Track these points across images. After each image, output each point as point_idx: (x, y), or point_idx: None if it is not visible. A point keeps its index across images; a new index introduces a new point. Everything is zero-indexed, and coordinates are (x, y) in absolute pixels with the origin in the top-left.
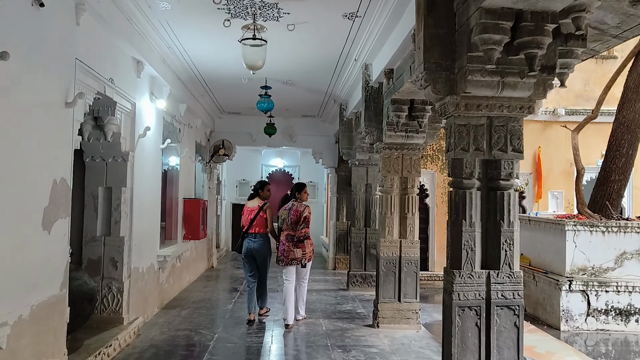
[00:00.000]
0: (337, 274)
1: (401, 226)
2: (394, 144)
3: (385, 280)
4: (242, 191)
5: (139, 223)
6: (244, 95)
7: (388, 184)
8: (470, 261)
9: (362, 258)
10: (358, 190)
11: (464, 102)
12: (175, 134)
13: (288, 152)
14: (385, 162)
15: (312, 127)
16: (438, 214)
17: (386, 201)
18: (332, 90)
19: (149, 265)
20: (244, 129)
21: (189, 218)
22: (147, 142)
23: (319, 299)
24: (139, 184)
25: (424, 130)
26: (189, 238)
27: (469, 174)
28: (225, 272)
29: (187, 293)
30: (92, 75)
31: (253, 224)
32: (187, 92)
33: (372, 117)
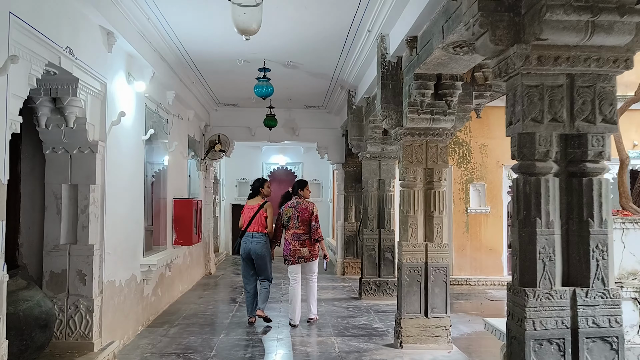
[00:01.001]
0: (346, 279)
1: (426, 227)
2: (416, 129)
3: (408, 291)
4: (242, 191)
5: (114, 227)
6: (241, 83)
7: (410, 176)
8: (548, 275)
9: (376, 263)
10: (370, 187)
11: (537, 54)
12: (162, 125)
13: (290, 149)
14: (407, 151)
15: (317, 119)
16: (456, 212)
17: (408, 198)
18: (339, 74)
19: (130, 277)
20: (241, 123)
21: (180, 220)
22: (123, 131)
23: (328, 311)
24: (113, 181)
25: (452, 112)
26: (181, 243)
27: (544, 154)
28: (224, 279)
29: (179, 305)
30: (39, 40)
31: (252, 222)
32: (176, 78)
33: (390, 98)
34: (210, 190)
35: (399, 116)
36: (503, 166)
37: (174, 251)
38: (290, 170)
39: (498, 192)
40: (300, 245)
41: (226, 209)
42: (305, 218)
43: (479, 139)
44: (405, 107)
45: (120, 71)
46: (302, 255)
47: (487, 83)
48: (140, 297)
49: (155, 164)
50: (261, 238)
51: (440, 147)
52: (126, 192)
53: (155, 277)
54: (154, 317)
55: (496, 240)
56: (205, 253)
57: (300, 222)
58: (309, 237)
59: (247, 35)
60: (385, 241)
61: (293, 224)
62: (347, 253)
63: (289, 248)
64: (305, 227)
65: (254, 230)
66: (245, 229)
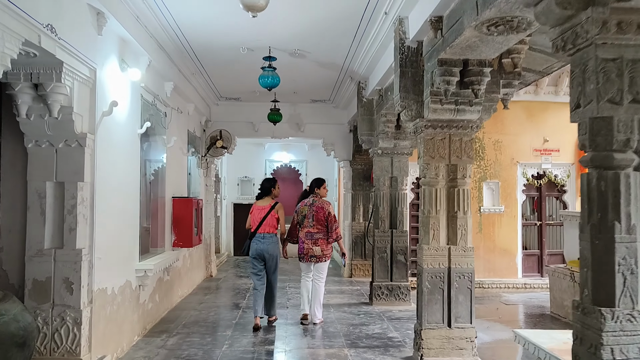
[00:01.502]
0: (354, 282)
1: (449, 229)
2: (439, 121)
3: (430, 299)
4: (244, 190)
5: (105, 229)
6: (244, 75)
7: (431, 173)
8: (630, 292)
9: (388, 266)
10: (381, 185)
11: (616, 19)
12: (160, 119)
13: (294, 146)
14: (428, 146)
15: (323, 114)
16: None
17: (429, 196)
18: (349, 63)
19: (124, 283)
20: (244, 118)
21: (179, 221)
22: (116, 123)
23: (339, 318)
24: (104, 178)
25: (479, 102)
26: (180, 245)
27: (623, 143)
28: (226, 282)
29: (179, 312)
30: (14, 14)
31: (262, 223)
32: (174, 68)
33: (410, 86)
34: (211, 188)
35: (419, 107)
36: (518, 163)
37: (172, 254)
38: (294, 168)
39: (512, 191)
40: (313, 244)
41: (228, 209)
42: (320, 217)
43: (493, 135)
44: (427, 96)
45: (112, 57)
46: (314, 254)
47: (517, 70)
48: (136, 305)
49: (154, 162)
50: (272, 239)
51: (464, 141)
52: (119, 191)
53: (153, 282)
54: (151, 326)
55: (510, 241)
56: (206, 255)
57: (315, 221)
58: (323, 237)
59: (255, 11)
60: (398, 242)
61: (307, 223)
62: (355, 254)
63: (302, 247)
64: (320, 227)
65: (265, 231)
66: (256, 230)
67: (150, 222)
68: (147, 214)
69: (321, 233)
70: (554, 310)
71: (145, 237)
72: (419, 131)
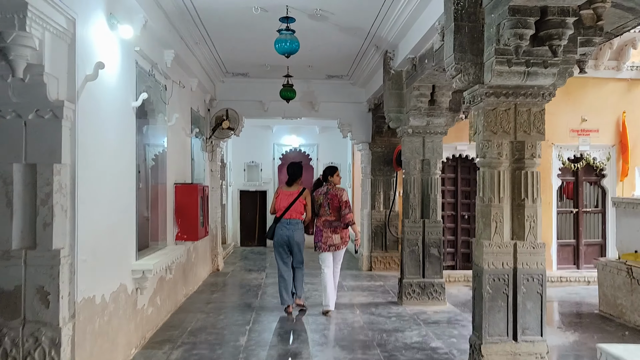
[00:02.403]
0: (375, 277)
1: (514, 221)
2: (503, 88)
3: (492, 307)
4: (251, 176)
5: (91, 224)
6: (255, 43)
7: (493, 152)
8: None
9: (420, 261)
10: (412, 169)
11: None
12: (159, 92)
13: (304, 129)
14: (489, 118)
15: (339, 91)
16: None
17: (490, 181)
18: (377, 28)
19: (117, 287)
20: (253, 96)
21: (183, 210)
22: (104, 92)
23: (368, 322)
24: (89, 159)
25: (555, 63)
26: (184, 238)
27: None
28: (234, 278)
29: (183, 315)
30: None
31: (290, 209)
32: (175, 34)
33: (467, 45)
34: (216, 174)
35: (478, 70)
36: (553, 145)
37: (176, 249)
38: (304, 153)
39: (547, 176)
40: (332, 232)
41: (234, 196)
42: (336, 205)
43: None
44: (490, 56)
45: (99, 10)
46: (333, 243)
47: (599, 24)
48: (133, 312)
49: (155, 146)
50: (298, 225)
51: (534, 113)
52: (110, 175)
53: (153, 283)
54: (151, 334)
55: (544, 231)
56: (212, 247)
57: (331, 209)
58: (341, 224)
59: None
60: (431, 234)
61: (324, 211)
62: (375, 246)
63: (321, 235)
64: (337, 214)
65: (292, 217)
66: (282, 216)
67: (150, 212)
68: (147, 204)
69: (338, 221)
70: (604, 309)
71: (144, 230)
72: (477, 100)
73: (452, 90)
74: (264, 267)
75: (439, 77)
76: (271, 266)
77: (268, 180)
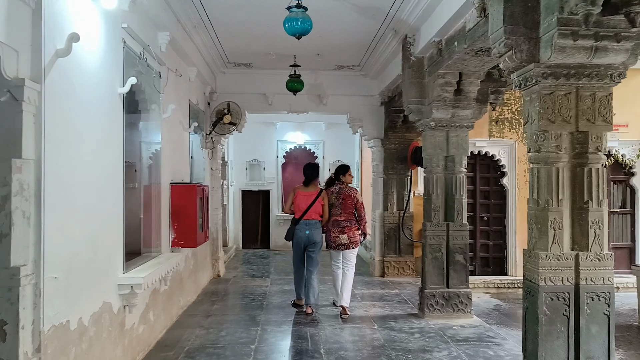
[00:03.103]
0: (388, 284)
1: (575, 227)
2: (564, 67)
3: (549, 332)
4: (253, 175)
5: (64, 232)
6: (260, 27)
7: (550, 145)
8: None
9: (444, 268)
10: (434, 167)
11: None
12: (151, 79)
13: (309, 125)
14: (546, 104)
15: (350, 84)
16: (519, 199)
17: (547, 179)
18: (397, 9)
19: (100, 307)
20: (256, 89)
21: (180, 213)
22: (81, 71)
23: (389, 340)
24: (61, 153)
25: (631, 35)
26: (181, 245)
27: None
28: (236, 285)
29: (180, 331)
30: None
31: (309, 210)
32: (171, 14)
33: (519, 16)
34: (217, 173)
35: (533, 46)
36: None
37: (172, 258)
38: (310, 150)
39: None
40: (340, 232)
41: (235, 196)
42: (348, 205)
43: None
44: (550, 27)
45: None
46: (340, 243)
47: None
48: (120, 333)
49: (153, 144)
50: (317, 225)
51: (599, 98)
52: (91, 174)
53: (144, 298)
54: (142, 356)
55: None
56: (213, 251)
57: (342, 209)
58: (350, 225)
59: None
60: (456, 239)
61: (335, 211)
62: (388, 250)
63: (329, 235)
64: (347, 214)
65: (311, 217)
66: (301, 217)
67: (143, 216)
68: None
69: (348, 221)
70: None
71: (135, 236)
72: (530, 83)
73: (480, 78)
74: (268, 273)
75: (469, 62)
76: (276, 271)
77: (271, 179)
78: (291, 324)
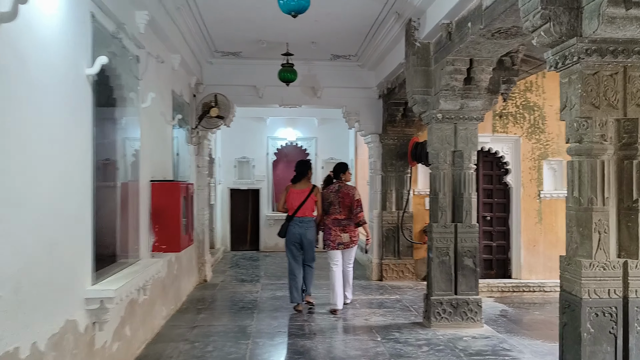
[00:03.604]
0: (388, 289)
1: (622, 232)
2: (610, 43)
3: (594, 352)
4: (242, 172)
5: (11, 240)
6: (250, 12)
7: (595, 134)
8: None
9: (452, 274)
10: (441, 162)
11: None
12: (128, 63)
13: (301, 121)
14: (589, 86)
15: (346, 75)
16: (524, 197)
17: (591, 174)
18: None
19: (61, 327)
20: (245, 80)
21: (161, 214)
22: (34, 44)
23: (394, 354)
24: (5, 143)
25: None
26: (163, 249)
27: None
28: (224, 291)
29: (162, 346)
30: None
31: (302, 207)
32: None
33: None
34: (204, 170)
35: (574, 18)
36: None
37: (151, 264)
38: (301, 147)
39: None
40: (341, 231)
41: (223, 195)
42: (347, 204)
43: (556, 101)
44: None
45: None
46: (342, 242)
47: None
48: (88, 355)
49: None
50: (311, 223)
51: None
52: (50, 169)
53: (119, 311)
54: None
55: None
56: (199, 254)
57: (341, 207)
58: (350, 223)
59: None
60: (464, 241)
61: (334, 209)
62: (386, 252)
63: (330, 234)
64: (347, 212)
65: (304, 214)
66: (294, 214)
67: (120, 217)
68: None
69: (348, 219)
70: None
71: (109, 240)
72: (569, 62)
73: (492, 65)
74: (258, 277)
75: (482, 46)
76: (266, 275)
77: (261, 177)
78: (286, 335)
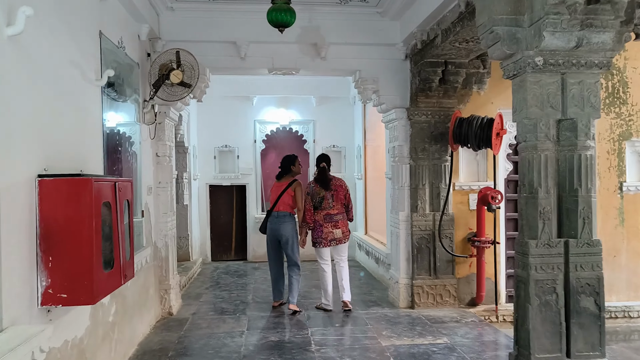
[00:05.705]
0: (424, 323)
1: None
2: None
3: None
4: (224, 165)
5: None
6: None
7: None
8: None
9: (561, 322)
10: (540, 138)
11: None
12: None
13: (295, 100)
14: None
15: (360, 26)
16: (600, 191)
17: None
18: None
19: None
20: (221, 34)
21: (58, 235)
22: None
23: None
24: None
25: None
26: (63, 301)
27: None
28: (195, 332)
29: None
30: None
31: (278, 201)
32: None
33: None
34: (165, 161)
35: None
36: None
37: (33, 336)
38: (296, 132)
39: None
40: (334, 226)
41: (201, 193)
42: (340, 197)
43: None
44: None
45: None
46: (334, 238)
47: None
48: None
49: None
50: (286, 217)
51: None
52: None
53: None
54: None
55: None
56: (161, 277)
57: (334, 201)
58: (342, 218)
59: None
60: (582, 269)
61: (327, 204)
62: (418, 269)
63: (321, 230)
64: (340, 207)
65: (280, 209)
66: (271, 209)
67: None
68: None
69: (341, 214)
70: None
71: None
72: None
73: None
74: (244, 305)
75: None
76: (255, 301)
77: (248, 170)
78: None
